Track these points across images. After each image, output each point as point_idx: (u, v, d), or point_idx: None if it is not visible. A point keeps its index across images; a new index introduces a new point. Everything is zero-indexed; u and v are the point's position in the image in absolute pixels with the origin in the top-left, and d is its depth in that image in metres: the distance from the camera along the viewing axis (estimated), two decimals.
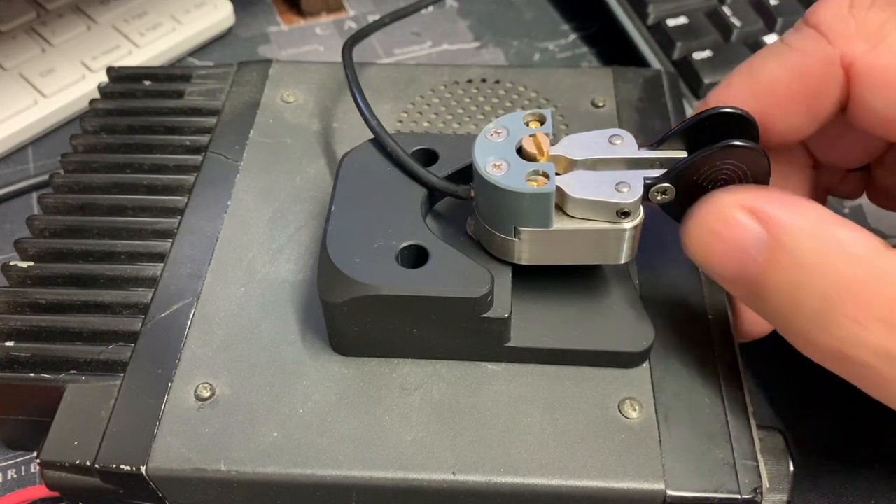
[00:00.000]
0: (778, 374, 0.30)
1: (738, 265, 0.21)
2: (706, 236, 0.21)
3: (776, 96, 0.23)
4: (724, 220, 0.21)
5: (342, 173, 0.25)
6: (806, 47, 0.23)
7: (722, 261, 0.21)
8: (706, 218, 0.21)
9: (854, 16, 0.22)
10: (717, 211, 0.21)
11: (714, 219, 0.21)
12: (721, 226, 0.21)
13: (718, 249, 0.21)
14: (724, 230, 0.21)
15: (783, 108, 0.24)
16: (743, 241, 0.20)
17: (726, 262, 0.21)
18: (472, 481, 0.22)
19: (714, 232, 0.21)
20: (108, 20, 0.43)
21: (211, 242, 0.28)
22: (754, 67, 0.24)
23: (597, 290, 0.25)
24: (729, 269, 0.21)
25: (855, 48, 0.22)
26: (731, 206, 0.21)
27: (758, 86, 0.24)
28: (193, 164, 0.30)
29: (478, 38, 0.46)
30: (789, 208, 0.20)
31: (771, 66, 0.23)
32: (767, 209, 0.20)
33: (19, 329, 0.25)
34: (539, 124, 0.23)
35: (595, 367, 0.24)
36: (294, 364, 0.24)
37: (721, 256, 0.21)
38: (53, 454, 0.23)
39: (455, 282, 0.22)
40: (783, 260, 0.20)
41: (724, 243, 0.21)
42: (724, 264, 0.21)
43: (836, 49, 0.22)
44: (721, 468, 0.22)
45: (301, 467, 0.22)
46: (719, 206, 0.21)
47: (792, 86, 0.23)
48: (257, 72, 0.34)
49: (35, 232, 0.29)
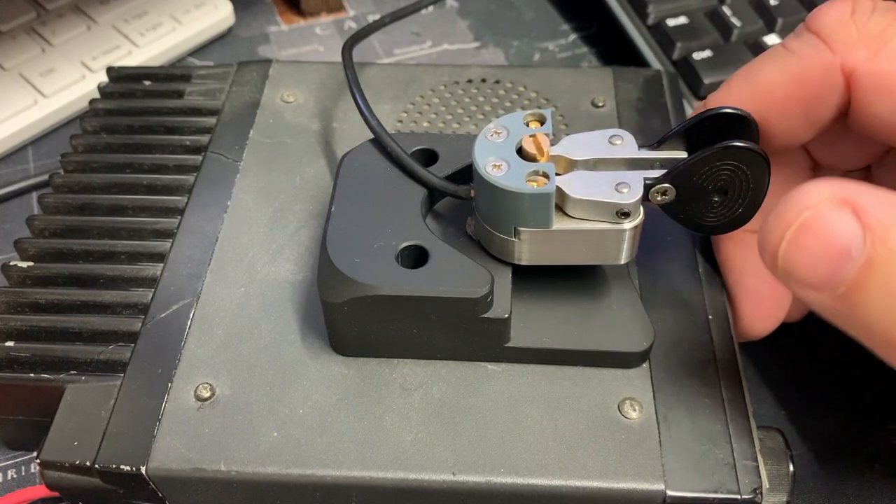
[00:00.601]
0: (778, 374, 0.30)
1: (831, 265, 0.18)
2: (801, 234, 0.18)
3: (775, 101, 0.23)
4: (818, 213, 0.18)
5: (342, 173, 0.25)
6: (807, 53, 0.23)
7: (812, 263, 0.18)
8: (795, 209, 0.18)
9: (856, 22, 0.22)
10: (810, 203, 0.18)
11: (811, 213, 0.18)
12: (818, 220, 0.18)
13: (810, 247, 0.18)
14: (818, 223, 0.18)
15: (782, 112, 0.23)
16: (839, 235, 0.18)
17: (817, 265, 0.18)
18: (472, 481, 0.22)
19: (809, 228, 0.18)
20: (108, 20, 0.43)
21: (211, 242, 0.28)
22: (754, 72, 0.24)
23: (597, 290, 0.25)
24: (820, 271, 0.18)
25: (856, 55, 0.22)
26: (827, 198, 0.18)
27: (757, 90, 0.24)
28: (193, 164, 0.30)
29: (478, 38, 0.46)
30: (883, 199, 0.18)
31: (771, 71, 0.23)
32: (861, 201, 0.18)
33: (19, 329, 0.25)
34: (539, 124, 0.23)
35: (595, 367, 0.24)
36: (294, 364, 0.24)
37: (812, 256, 0.18)
38: (53, 454, 0.23)
39: (455, 282, 0.22)
40: (887, 257, 0.17)
41: (819, 240, 0.18)
42: (815, 267, 0.18)
43: (836, 56, 0.22)
44: (721, 468, 0.22)
45: (301, 467, 0.22)
46: (813, 198, 0.18)
47: (791, 91, 0.23)
48: (257, 72, 0.34)
49: (35, 232, 0.29)
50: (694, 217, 0.23)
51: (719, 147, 0.21)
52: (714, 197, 0.23)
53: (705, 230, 0.24)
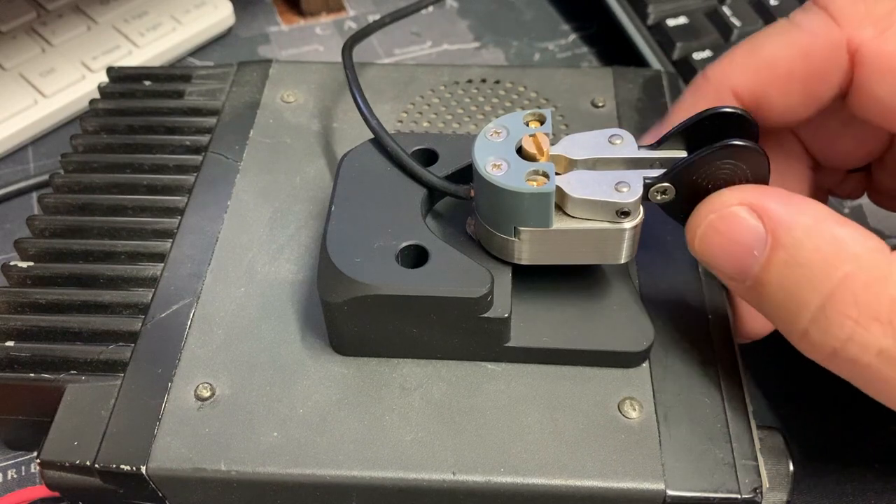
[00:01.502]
0: (778, 374, 0.30)
1: (738, 262, 0.21)
2: (708, 232, 0.21)
3: (777, 74, 0.23)
4: (725, 217, 0.21)
5: (342, 173, 0.25)
6: (813, 28, 0.23)
7: (722, 257, 0.21)
8: (708, 214, 0.21)
9: (865, 0, 0.22)
10: (718, 207, 0.21)
11: (716, 215, 0.21)
12: (722, 222, 0.21)
13: (719, 245, 0.21)
14: (725, 226, 0.21)
15: (783, 87, 0.23)
16: (743, 237, 0.20)
17: (727, 259, 0.21)
18: (472, 481, 0.22)
19: (715, 228, 0.21)
20: (108, 20, 0.43)
21: (211, 242, 0.28)
22: (758, 44, 0.24)
23: (597, 290, 0.25)
24: (729, 265, 0.21)
25: (863, 33, 0.22)
26: (733, 203, 0.21)
27: (760, 62, 0.23)
28: (193, 165, 0.30)
29: (478, 38, 0.46)
30: (790, 206, 0.20)
31: (775, 44, 0.23)
32: (768, 206, 0.20)
33: (19, 329, 0.25)
34: (539, 124, 0.23)
35: (595, 367, 0.24)
36: (294, 364, 0.24)
37: (722, 252, 0.21)
38: (53, 454, 0.23)
39: (455, 282, 0.22)
40: (783, 258, 0.20)
41: (725, 239, 0.21)
42: (725, 260, 0.21)
43: (843, 32, 0.22)
44: (721, 468, 0.22)
45: (301, 467, 0.22)
46: (721, 203, 0.21)
47: (794, 65, 0.23)
48: (257, 72, 0.34)
49: (35, 232, 0.29)
50: None
51: (719, 146, 0.21)
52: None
53: None
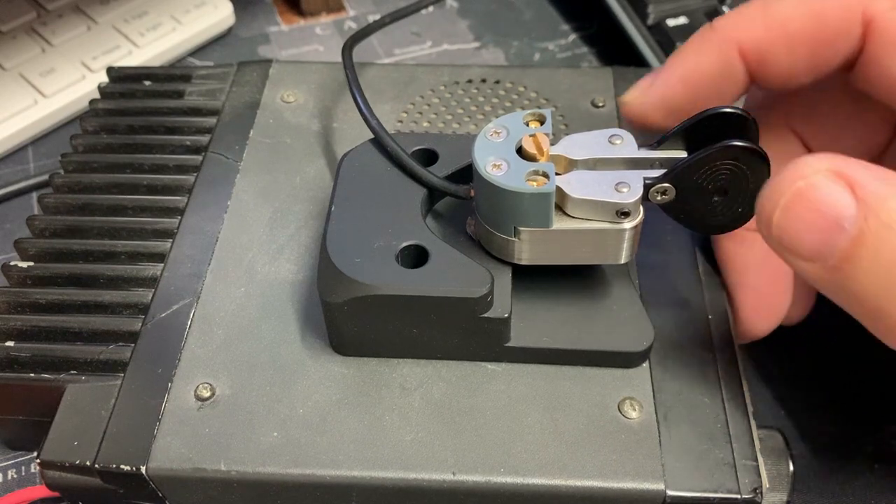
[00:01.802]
0: (778, 374, 0.30)
1: (823, 236, 0.18)
2: (794, 202, 0.19)
3: (787, 34, 0.23)
4: (815, 185, 0.18)
5: (342, 173, 0.25)
6: None
7: (804, 231, 0.18)
8: (791, 179, 0.19)
9: None
10: (805, 174, 0.18)
11: (804, 182, 0.18)
12: (812, 190, 0.18)
13: (802, 216, 0.18)
14: (815, 195, 0.18)
15: (790, 47, 0.23)
16: (832, 206, 0.18)
17: (809, 234, 0.18)
18: (472, 481, 0.22)
19: (804, 196, 0.18)
20: (108, 20, 0.43)
21: (211, 242, 0.28)
22: (772, 0, 0.23)
23: (597, 290, 0.25)
24: (812, 241, 0.18)
25: (879, 4, 0.21)
26: (822, 170, 0.18)
27: (771, 19, 0.23)
28: (193, 165, 0.30)
29: (478, 38, 0.46)
30: (878, 175, 0.18)
31: (789, 3, 0.23)
32: (857, 175, 0.18)
33: (19, 329, 0.25)
34: (539, 124, 0.23)
35: (595, 367, 0.24)
36: (294, 364, 0.24)
37: (805, 225, 0.18)
38: (53, 454, 0.23)
39: (455, 282, 0.22)
40: (878, 230, 0.17)
41: (811, 210, 0.18)
42: (807, 236, 0.18)
43: (860, 1, 0.22)
44: (721, 468, 0.22)
45: (301, 467, 0.22)
46: (808, 169, 0.19)
47: (806, 26, 0.22)
48: (257, 72, 0.34)
49: (35, 232, 0.29)
50: (694, 216, 0.23)
51: (719, 146, 0.21)
52: (714, 196, 0.23)
53: (705, 230, 0.24)
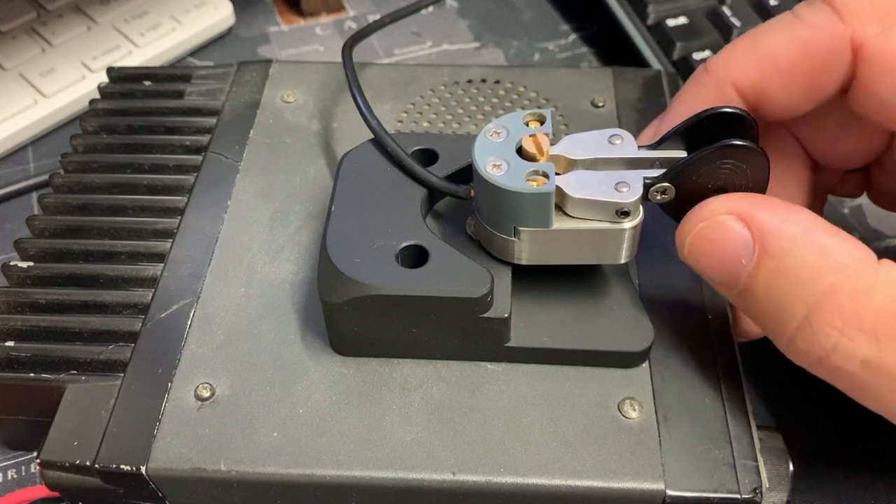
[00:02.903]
0: (778, 374, 0.30)
1: (727, 269, 0.21)
2: (696, 240, 0.21)
3: (778, 68, 0.23)
4: (713, 226, 0.21)
5: (342, 173, 0.25)
6: (816, 22, 0.22)
7: (711, 265, 0.21)
8: (697, 223, 0.21)
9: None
10: (707, 216, 0.21)
11: (705, 224, 0.21)
12: (710, 231, 0.21)
13: (708, 253, 0.21)
14: (713, 235, 0.21)
15: (784, 81, 0.23)
16: (731, 246, 0.21)
17: (715, 266, 0.21)
18: (472, 481, 0.22)
19: (703, 236, 0.21)
20: (108, 20, 0.43)
21: (211, 242, 0.28)
22: (760, 36, 0.24)
23: (597, 290, 0.25)
24: (718, 272, 0.21)
25: (867, 29, 0.22)
26: (721, 211, 0.21)
27: (762, 56, 0.23)
28: (193, 165, 0.30)
29: (478, 38, 0.46)
30: (779, 215, 0.20)
31: (778, 38, 0.23)
32: (756, 215, 0.20)
33: (19, 329, 0.25)
34: (539, 124, 0.23)
35: (595, 367, 0.24)
36: (294, 364, 0.24)
37: (710, 260, 0.21)
38: (53, 454, 0.23)
39: (455, 282, 0.22)
40: (770, 267, 0.20)
41: (713, 247, 0.21)
42: (714, 268, 0.21)
43: (847, 28, 0.22)
44: (721, 468, 0.22)
45: (301, 467, 0.22)
46: (709, 211, 0.21)
47: (796, 60, 0.23)
48: (257, 72, 0.34)
49: (35, 232, 0.29)
50: None
51: (719, 146, 0.21)
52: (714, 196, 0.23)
53: None
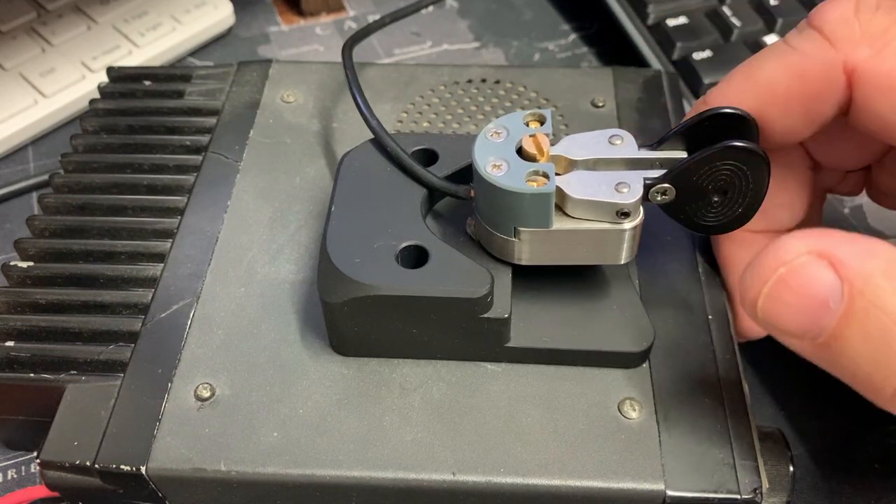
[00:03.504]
0: (778, 374, 0.30)
1: (810, 317, 0.18)
2: (777, 288, 0.19)
3: (775, 97, 0.23)
4: (796, 269, 0.18)
5: (342, 173, 0.25)
6: (808, 49, 0.22)
7: (791, 313, 0.19)
8: (772, 265, 0.19)
9: (859, 20, 0.22)
10: (787, 258, 0.18)
11: (787, 268, 0.18)
12: (794, 275, 0.18)
13: (787, 301, 0.19)
14: (796, 280, 0.18)
15: (781, 109, 0.23)
16: (817, 289, 0.18)
17: (796, 316, 0.19)
18: (472, 481, 0.22)
19: (786, 282, 0.18)
20: (108, 20, 0.43)
21: (211, 242, 0.28)
22: (755, 67, 0.24)
23: (597, 290, 0.25)
24: (799, 322, 0.19)
25: (858, 53, 0.22)
26: (802, 252, 0.18)
27: (757, 85, 0.23)
28: (193, 165, 0.30)
29: (478, 38, 0.46)
30: (860, 249, 0.18)
31: (772, 67, 0.23)
32: (837, 253, 0.18)
33: (19, 329, 0.25)
34: (539, 124, 0.23)
35: (595, 367, 0.24)
36: (294, 364, 0.24)
37: (790, 308, 0.19)
38: (53, 454, 0.23)
39: (455, 282, 0.22)
40: (863, 306, 0.17)
41: (795, 294, 0.18)
42: (796, 317, 0.19)
43: (839, 53, 0.22)
44: (721, 468, 0.22)
45: (301, 467, 0.22)
46: (786, 252, 0.19)
47: (791, 87, 0.23)
48: (257, 72, 0.34)
49: (35, 232, 0.29)
50: (694, 217, 0.23)
51: (719, 147, 0.21)
52: (714, 197, 0.23)
53: (705, 230, 0.24)
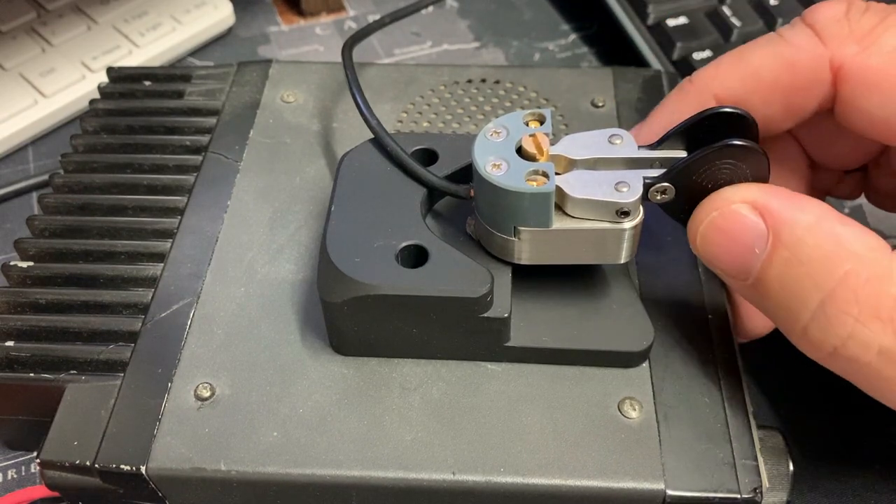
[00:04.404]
0: (778, 374, 0.30)
1: (739, 260, 0.21)
2: (709, 230, 0.21)
3: (760, 83, 0.24)
4: (726, 214, 0.21)
5: (342, 173, 0.25)
6: (799, 42, 0.23)
7: (724, 255, 0.21)
8: (710, 212, 0.21)
9: (849, 19, 0.23)
10: (720, 205, 0.21)
11: (718, 213, 0.21)
12: (723, 220, 0.21)
13: (720, 243, 0.21)
14: (727, 224, 0.21)
15: (765, 96, 0.24)
16: (744, 235, 0.21)
17: (728, 257, 0.21)
18: (472, 481, 0.22)
19: (716, 226, 0.21)
20: (108, 20, 0.43)
21: (211, 242, 0.28)
22: (746, 52, 0.25)
23: (597, 290, 0.25)
24: (730, 263, 0.21)
25: (846, 50, 0.22)
26: (734, 201, 0.21)
27: (745, 70, 0.24)
28: (193, 165, 0.30)
29: (478, 38, 0.46)
30: (792, 204, 0.20)
31: (762, 54, 0.24)
32: (770, 204, 0.20)
33: (19, 329, 0.25)
34: (539, 124, 0.23)
35: (595, 367, 0.24)
36: (294, 364, 0.24)
37: (722, 250, 0.21)
38: (53, 454, 0.23)
39: (455, 281, 0.22)
40: (784, 255, 0.20)
41: (726, 237, 0.21)
42: (726, 259, 0.21)
43: (827, 49, 0.23)
44: (721, 468, 0.22)
45: (301, 467, 0.22)
46: (723, 201, 0.21)
47: (778, 76, 0.24)
48: (257, 72, 0.34)
49: (35, 232, 0.29)
50: None
51: (718, 146, 0.21)
52: None
53: None
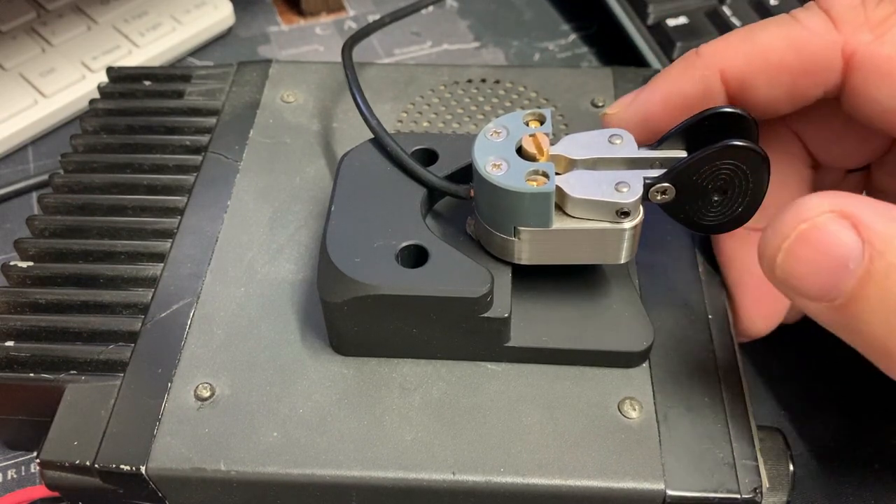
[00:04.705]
0: (778, 374, 0.30)
1: (828, 278, 0.18)
2: (796, 245, 0.18)
3: (768, 64, 0.23)
4: (818, 226, 0.18)
5: (342, 173, 0.25)
6: (812, 26, 0.23)
7: (809, 273, 0.18)
8: (793, 222, 0.18)
9: (865, 7, 0.22)
10: (806, 215, 0.18)
11: (808, 225, 0.18)
12: (815, 232, 0.18)
13: (807, 258, 0.18)
14: (816, 235, 0.18)
15: (771, 76, 0.23)
16: (837, 248, 0.18)
17: (814, 276, 0.18)
18: (472, 481, 0.22)
19: (806, 239, 0.18)
20: (108, 20, 0.43)
21: (211, 242, 0.28)
22: (755, 30, 0.24)
23: (597, 290, 0.25)
24: (817, 283, 0.18)
25: (860, 37, 0.22)
26: (823, 211, 0.18)
27: (754, 48, 0.24)
28: (193, 164, 0.30)
29: (478, 38, 0.46)
30: (883, 213, 0.18)
31: (772, 33, 0.23)
32: (861, 214, 0.18)
33: (19, 329, 0.25)
34: (539, 124, 0.23)
35: (595, 367, 0.24)
36: (294, 364, 0.24)
37: (809, 266, 0.18)
38: (53, 454, 0.23)
39: (455, 281, 0.22)
40: (884, 271, 0.17)
41: (816, 252, 0.18)
42: (812, 278, 0.18)
43: (841, 35, 0.22)
44: (721, 468, 0.22)
45: (301, 467, 0.22)
46: (808, 209, 0.18)
47: (786, 57, 0.23)
48: (257, 72, 0.34)
49: (35, 232, 0.29)
50: (693, 216, 0.23)
51: (719, 146, 0.21)
52: (713, 196, 0.23)
53: (705, 229, 0.24)
